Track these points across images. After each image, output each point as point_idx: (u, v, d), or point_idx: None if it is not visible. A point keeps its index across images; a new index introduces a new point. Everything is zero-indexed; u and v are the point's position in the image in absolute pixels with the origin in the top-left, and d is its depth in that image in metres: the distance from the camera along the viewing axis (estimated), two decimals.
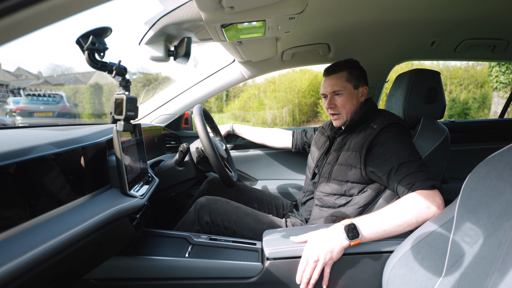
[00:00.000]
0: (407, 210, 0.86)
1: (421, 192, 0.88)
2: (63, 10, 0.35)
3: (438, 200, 0.86)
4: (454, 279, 0.69)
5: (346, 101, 1.12)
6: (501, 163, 0.68)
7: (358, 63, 1.17)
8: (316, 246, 0.84)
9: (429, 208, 0.85)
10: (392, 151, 0.98)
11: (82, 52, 0.67)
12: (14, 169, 0.54)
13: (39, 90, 14.10)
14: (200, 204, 1.14)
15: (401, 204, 0.88)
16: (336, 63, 1.15)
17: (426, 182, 0.88)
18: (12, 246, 0.49)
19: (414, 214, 0.85)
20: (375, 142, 1.02)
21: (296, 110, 9.23)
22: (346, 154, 1.09)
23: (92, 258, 0.79)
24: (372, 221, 0.87)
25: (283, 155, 1.88)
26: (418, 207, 0.86)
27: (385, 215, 0.87)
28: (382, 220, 0.86)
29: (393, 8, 1.17)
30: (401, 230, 0.86)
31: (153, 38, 1.03)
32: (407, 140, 1.01)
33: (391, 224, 0.85)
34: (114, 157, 0.81)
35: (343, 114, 1.14)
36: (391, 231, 0.86)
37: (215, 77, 1.70)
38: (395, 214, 0.86)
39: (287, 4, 0.81)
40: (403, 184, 0.92)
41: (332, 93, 1.14)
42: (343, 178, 1.06)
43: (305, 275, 0.84)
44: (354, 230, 0.85)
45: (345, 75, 1.12)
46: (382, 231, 0.85)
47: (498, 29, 1.40)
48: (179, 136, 1.87)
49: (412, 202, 0.87)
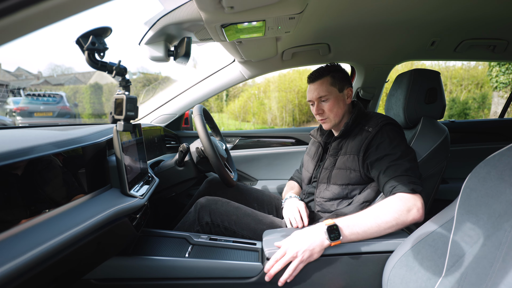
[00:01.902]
0: (387, 212, 0.88)
1: (401, 195, 0.89)
2: (63, 10, 0.35)
3: (418, 204, 0.88)
4: (454, 279, 0.69)
5: (333, 106, 1.12)
6: (501, 163, 0.68)
7: (339, 66, 1.17)
8: (297, 242, 0.87)
9: (409, 211, 0.87)
10: (385, 152, 0.99)
11: (82, 52, 0.67)
12: (14, 170, 0.54)
13: (39, 90, 14.09)
14: (200, 204, 1.14)
15: (382, 206, 0.90)
16: (318, 69, 1.15)
17: (408, 185, 0.90)
18: (12, 246, 0.49)
19: (394, 217, 0.87)
20: (371, 144, 1.03)
21: (296, 110, 9.23)
22: (343, 158, 1.09)
23: (92, 258, 0.79)
24: (354, 222, 0.89)
25: (283, 155, 1.87)
26: (398, 210, 0.87)
27: (366, 216, 0.90)
28: (363, 221, 0.88)
29: (393, 8, 1.17)
30: (381, 231, 0.88)
31: (153, 38, 1.03)
32: (400, 140, 1.02)
33: (371, 225, 0.88)
34: (114, 157, 0.81)
35: (331, 118, 1.14)
36: (371, 233, 0.88)
37: (215, 77, 1.70)
38: (376, 216, 0.88)
39: (287, 4, 0.81)
40: (387, 186, 0.94)
41: (318, 99, 1.14)
42: (344, 181, 1.07)
43: (276, 266, 0.86)
44: (336, 231, 0.86)
45: (328, 80, 1.12)
46: (363, 232, 0.88)
47: (498, 29, 1.40)
48: (179, 136, 1.87)
49: (393, 204, 0.89)
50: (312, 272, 0.90)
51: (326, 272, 0.90)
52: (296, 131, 1.94)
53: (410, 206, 0.88)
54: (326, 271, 0.90)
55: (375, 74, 1.75)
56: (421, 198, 0.90)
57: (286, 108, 9.32)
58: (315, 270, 0.90)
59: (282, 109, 9.34)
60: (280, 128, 2.58)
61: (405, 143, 1.02)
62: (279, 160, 1.87)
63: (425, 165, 1.07)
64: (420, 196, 0.90)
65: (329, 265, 0.90)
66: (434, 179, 1.10)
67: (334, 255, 0.89)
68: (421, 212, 0.88)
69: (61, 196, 0.66)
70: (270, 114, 9.51)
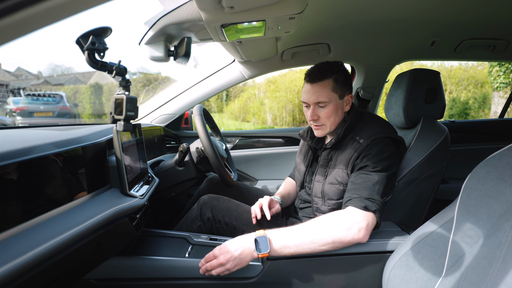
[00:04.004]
0: (325, 227, 0.85)
1: (351, 209, 0.86)
2: (63, 10, 0.35)
3: (362, 223, 0.83)
4: (454, 279, 0.69)
5: (331, 113, 1.03)
6: (501, 163, 0.68)
7: (343, 66, 1.06)
8: (228, 251, 0.85)
9: (349, 230, 0.83)
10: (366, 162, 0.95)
11: (82, 52, 0.67)
12: (14, 169, 0.54)
13: (39, 90, 14.10)
14: (203, 200, 1.16)
15: (321, 220, 0.87)
16: (320, 68, 1.02)
17: (362, 201, 0.85)
18: (12, 246, 0.49)
19: (330, 233, 0.83)
20: (359, 157, 0.98)
21: (296, 110, 9.23)
22: (333, 171, 1.04)
23: (92, 258, 0.79)
24: (286, 235, 0.86)
25: (283, 155, 1.88)
26: (337, 226, 0.84)
27: (301, 230, 0.87)
28: (296, 235, 0.86)
29: (393, 8, 1.17)
30: (315, 247, 0.84)
31: (153, 38, 1.03)
32: (387, 156, 0.96)
33: (304, 240, 0.84)
34: (114, 157, 0.81)
35: (327, 125, 1.05)
36: (305, 248, 0.84)
37: (215, 77, 1.70)
38: (312, 230, 0.85)
39: (287, 4, 0.81)
40: (346, 195, 0.91)
41: (315, 104, 1.03)
42: (339, 196, 1.02)
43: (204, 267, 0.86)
44: (264, 243, 0.85)
45: (330, 84, 1.01)
46: (294, 246, 0.85)
47: (498, 29, 1.40)
48: (179, 136, 1.87)
49: (333, 219, 0.86)
50: (312, 272, 0.90)
51: (326, 272, 0.90)
52: (296, 131, 1.94)
53: (352, 224, 0.83)
54: (326, 271, 0.90)
55: (375, 74, 1.75)
56: (372, 218, 0.85)
57: (286, 108, 9.32)
58: (315, 270, 0.90)
59: (282, 109, 9.34)
60: (280, 128, 2.58)
61: (390, 160, 0.96)
62: (279, 160, 1.87)
63: (425, 165, 1.07)
64: (372, 215, 0.85)
65: (329, 265, 0.90)
66: (434, 179, 1.10)
67: (334, 255, 0.89)
68: (363, 233, 0.83)
69: (62, 196, 0.66)
70: (270, 114, 9.51)
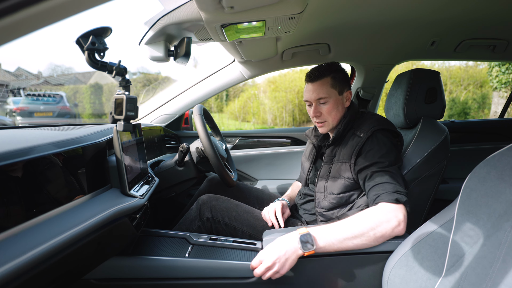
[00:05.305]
0: (365, 222, 0.85)
1: (383, 204, 0.87)
2: (63, 10, 0.35)
3: (400, 215, 0.85)
4: (454, 279, 0.69)
5: (332, 109, 1.09)
6: (501, 163, 0.68)
7: (340, 66, 1.14)
8: (272, 253, 0.85)
9: (389, 222, 0.84)
10: (373, 160, 0.96)
11: (82, 52, 0.67)
12: (14, 169, 0.54)
13: (39, 90, 14.08)
14: (202, 201, 1.15)
15: (360, 216, 0.88)
16: (319, 68, 1.10)
17: (392, 195, 0.87)
18: (12, 246, 0.49)
19: (371, 227, 0.84)
20: (361, 151, 1.01)
21: (296, 110, 9.23)
22: (337, 166, 1.07)
23: (92, 258, 0.79)
24: (329, 231, 0.87)
25: (283, 155, 1.88)
26: (376, 220, 0.85)
27: (343, 226, 0.87)
28: (339, 231, 0.86)
29: (393, 8, 1.17)
30: (358, 243, 0.85)
31: (153, 38, 1.03)
32: (390, 147, 0.99)
33: (347, 235, 0.85)
34: (114, 157, 0.81)
35: (329, 121, 1.11)
36: (348, 244, 0.85)
37: (215, 77, 1.70)
38: (353, 226, 0.86)
39: (287, 4, 0.81)
40: (371, 194, 0.92)
41: (317, 101, 1.10)
42: (340, 190, 1.04)
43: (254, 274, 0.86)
44: (309, 240, 0.85)
45: (329, 81, 1.08)
46: (338, 242, 0.85)
47: (498, 29, 1.40)
48: (179, 136, 1.87)
49: (372, 214, 0.86)
50: (312, 272, 0.90)
51: (326, 272, 0.90)
52: (296, 131, 1.94)
53: (390, 217, 0.84)
54: (326, 271, 0.90)
55: (375, 74, 1.75)
56: (405, 209, 0.86)
57: (286, 108, 9.31)
58: (315, 270, 0.90)
59: (282, 109, 9.34)
60: (280, 128, 2.58)
61: (394, 152, 0.99)
62: (279, 160, 1.87)
63: (425, 165, 1.07)
64: (403, 207, 0.86)
65: (329, 265, 0.90)
66: (434, 179, 1.10)
67: (334, 255, 0.89)
68: (402, 225, 0.84)
69: (63, 196, 0.66)
70: (270, 114, 9.51)
